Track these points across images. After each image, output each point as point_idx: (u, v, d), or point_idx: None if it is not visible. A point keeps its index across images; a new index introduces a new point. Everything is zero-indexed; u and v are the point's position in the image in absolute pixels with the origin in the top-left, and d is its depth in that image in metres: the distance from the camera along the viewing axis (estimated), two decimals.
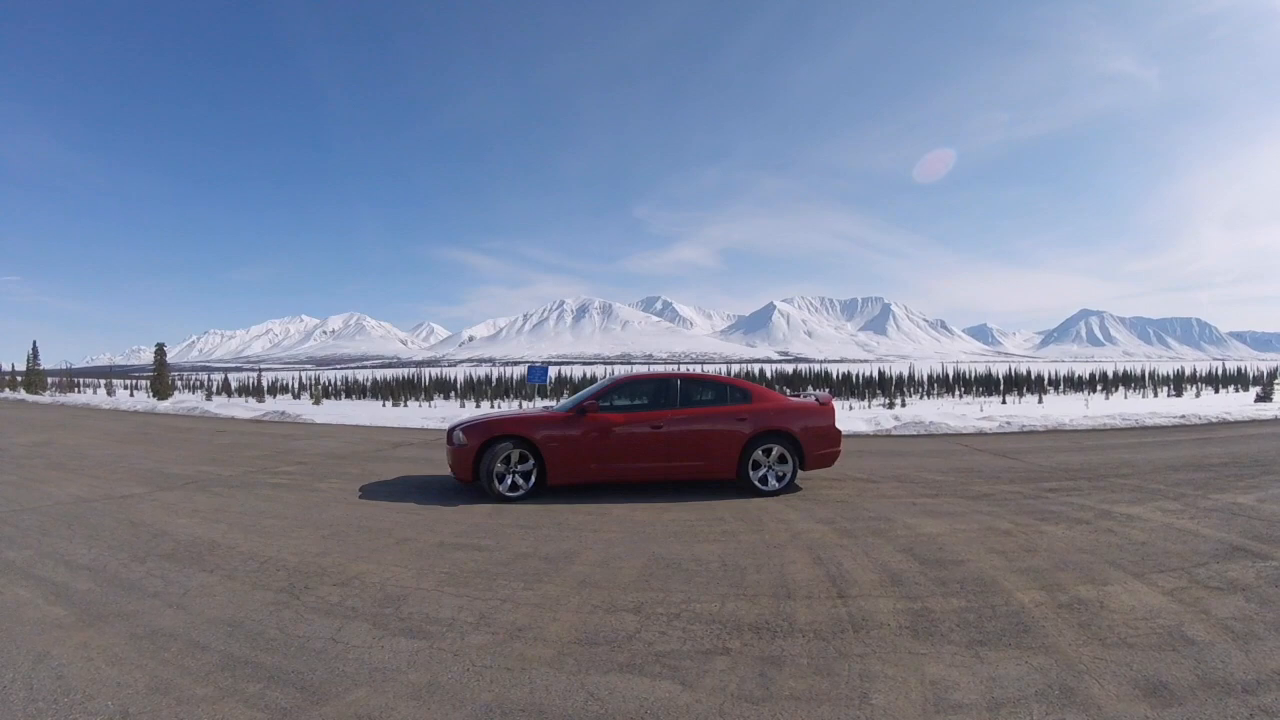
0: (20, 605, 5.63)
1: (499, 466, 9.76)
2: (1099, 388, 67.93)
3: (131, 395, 57.38)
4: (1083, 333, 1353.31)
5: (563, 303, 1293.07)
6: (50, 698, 4.04)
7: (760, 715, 3.84)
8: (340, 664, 4.41)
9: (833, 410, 11.00)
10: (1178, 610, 5.40)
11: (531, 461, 9.90)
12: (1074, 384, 71.15)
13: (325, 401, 51.07)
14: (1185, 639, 4.83)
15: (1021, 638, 4.89)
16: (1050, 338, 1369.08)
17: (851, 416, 23.41)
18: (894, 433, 19.47)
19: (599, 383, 11.69)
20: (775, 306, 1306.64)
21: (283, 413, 27.42)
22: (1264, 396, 36.02)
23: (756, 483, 10.22)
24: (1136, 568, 6.51)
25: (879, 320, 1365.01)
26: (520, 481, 9.84)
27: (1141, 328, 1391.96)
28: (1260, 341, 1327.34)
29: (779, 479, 10.30)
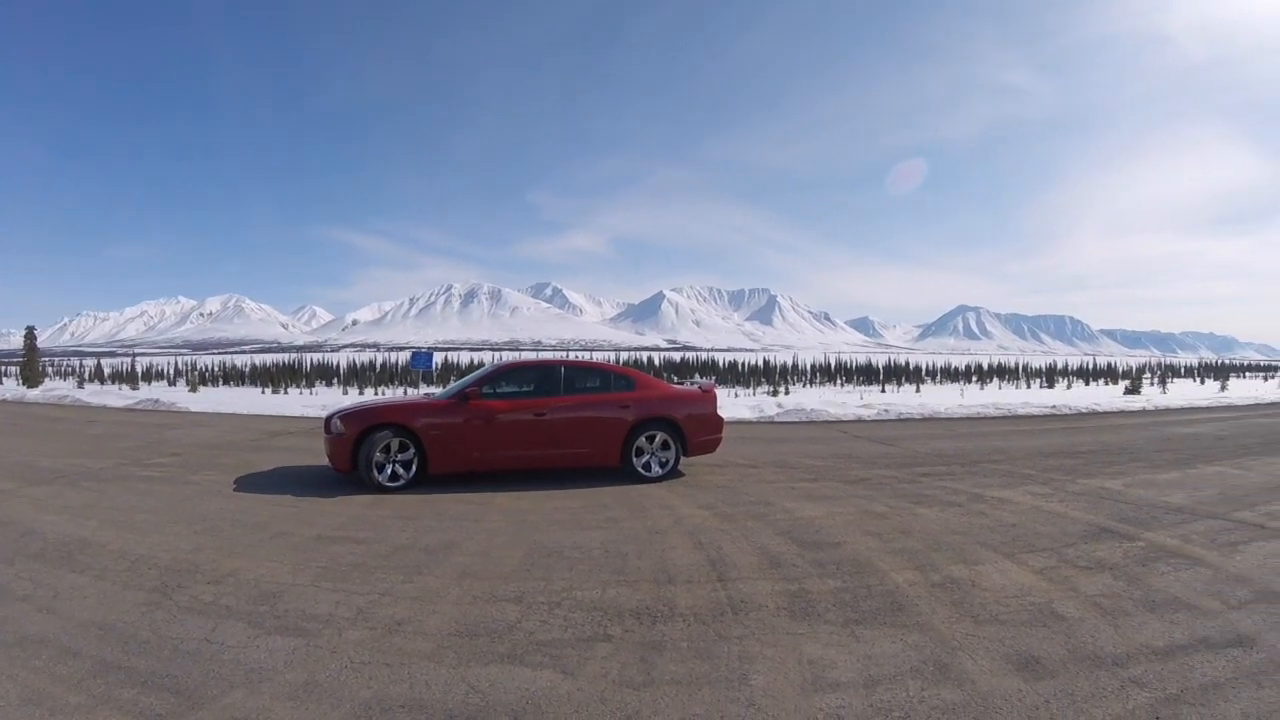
0: None
1: (378, 456, 9.58)
2: (974, 379, 70.05)
3: (0, 383, 54.71)
4: (960, 327, 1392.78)
5: (450, 287, 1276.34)
6: None
7: (642, 700, 3.89)
8: (215, 665, 4.29)
9: (715, 397, 11.18)
10: (1048, 588, 5.67)
11: (412, 450, 9.75)
12: (950, 375, 73.25)
13: (202, 388, 49.53)
14: (1056, 615, 5.08)
15: (897, 616, 5.07)
16: (929, 331, 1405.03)
17: (736, 404, 23.79)
18: (777, 420, 19.85)
19: (482, 369, 11.62)
20: (665, 295, 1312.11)
21: (157, 401, 26.57)
22: (1132, 389, 37.72)
23: (640, 469, 10.33)
24: (1008, 548, 6.80)
25: (765, 311, 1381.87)
26: (401, 471, 9.69)
27: (1017, 323, 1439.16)
28: (1130, 339, 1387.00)
29: (662, 465, 10.44)
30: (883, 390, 55.25)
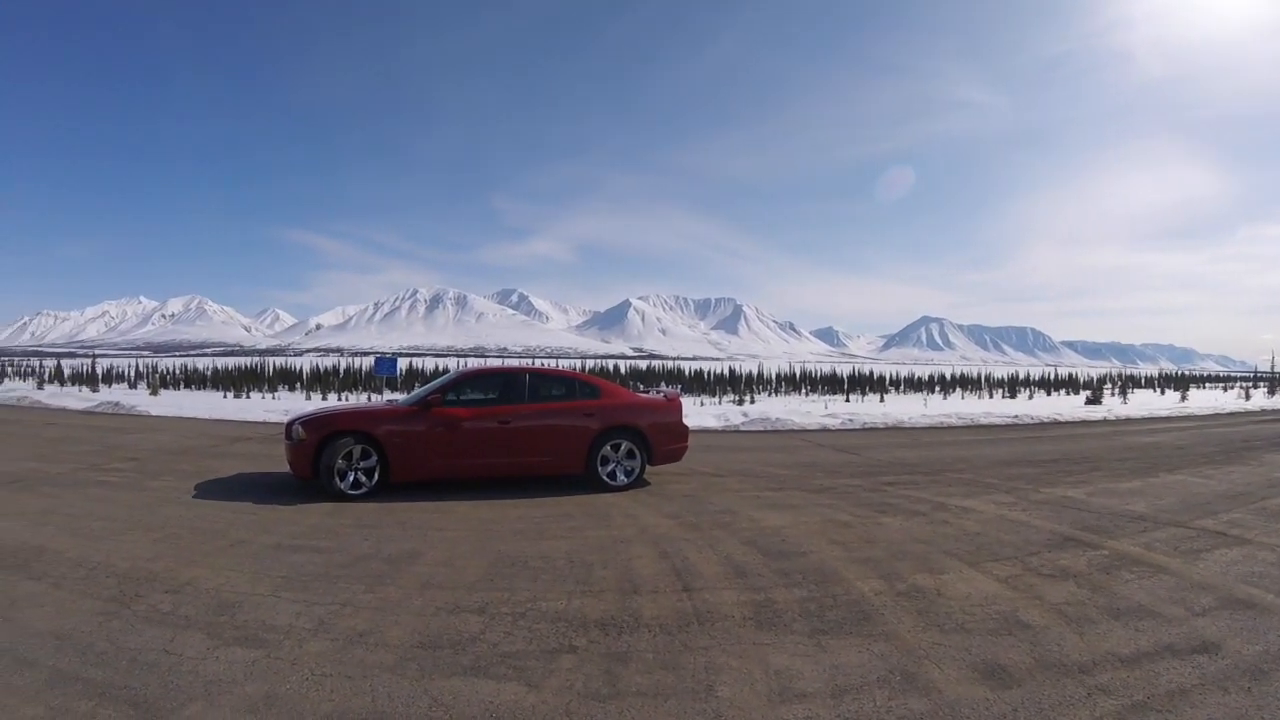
0: None
1: (340, 463, 9.49)
2: (937, 389, 70.44)
3: None
4: (923, 337, 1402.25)
5: (415, 292, 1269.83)
6: None
7: (607, 713, 3.87)
8: (173, 677, 4.22)
9: (680, 406, 11.18)
10: (1012, 597, 5.73)
11: (374, 458, 9.66)
12: (914, 385, 73.61)
13: (163, 391, 48.89)
14: (1021, 624, 5.12)
15: (862, 626, 5.09)
16: (893, 341, 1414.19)
17: (702, 413, 23.82)
18: (742, 429, 19.92)
19: (445, 376, 11.58)
20: (631, 303, 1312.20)
21: (117, 404, 26.18)
22: (1093, 400, 38.15)
23: (605, 478, 10.31)
24: (972, 557, 6.86)
25: (730, 320, 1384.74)
26: (362, 479, 9.59)
27: (979, 335, 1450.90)
28: (1090, 350, 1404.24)
29: (627, 474, 10.41)
30: (847, 400, 55.49)
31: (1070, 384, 71.94)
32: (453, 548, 7.17)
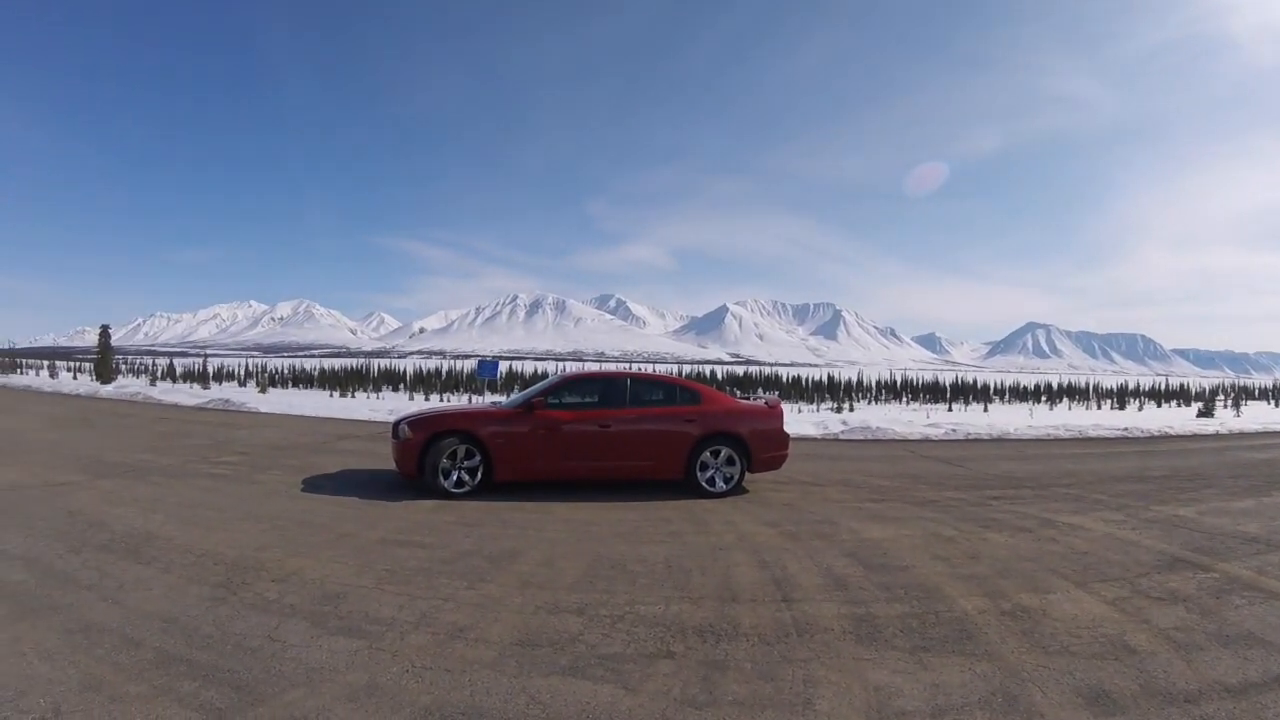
0: None
1: (444, 462, 9.62)
2: (1043, 398, 68.71)
3: (75, 378, 56.17)
4: (1029, 345, 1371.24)
5: (516, 297, 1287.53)
6: None
7: None
8: (276, 663, 4.30)
9: (781, 413, 11.03)
10: (1120, 619, 5.46)
11: (477, 457, 9.76)
12: (1019, 394, 71.96)
13: (272, 390, 50.34)
14: (1127, 648, 4.88)
15: (965, 644, 4.91)
16: (997, 348, 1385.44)
17: (800, 420, 23.54)
18: (841, 437, 19.60)
19: (548, 379, 11.63)
20: (728, 308, 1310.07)
21: (227, 400, 27.01)
22: (1206, 412, 36.63)
23: (704, 484, 10.21)
24: (1079, 577, 6.58)
25: (829, 325, 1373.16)
26: (465, 478, 9.70)
27: (1087, 342, 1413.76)
28: (1203, 359, 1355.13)
29: (726, 481, 10.29)
30: (950, 409, 54.40)
31: (1181, 395, 69.56)
32: (552, 548, 7.18)
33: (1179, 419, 30.74)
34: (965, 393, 68.77)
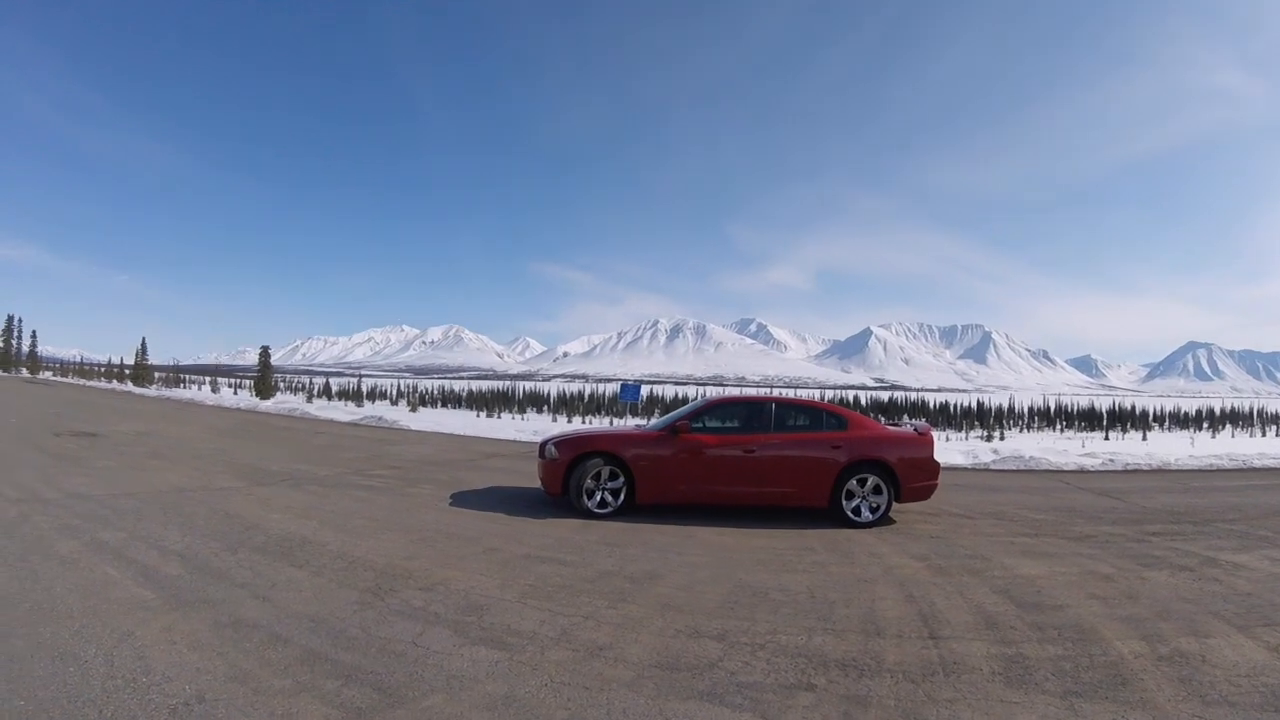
0: (109, 584, 5.83)
1: (589, 482, 9.71)
2: (1205, 425, 65.29)
3: (235, 393, 59.42)
4: (1190, 366, 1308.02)
5: (656, 322, 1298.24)
6: (129, 676, 4.14)
7: None
8: (419, 668, 4.40)
9: (931, 441, 10.70)
10: None
11: (621, 479, 9.83)
12: (1180, 420, 68.53)
13: (422, 409, 51.87)
14: None
15: (1119, 691, 4.63)
16: (1156, 371, 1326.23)
17: (948, 448, 22.90)
18: (992, 467, 18.97)
19: (692, 403, 11.58)
20: (871, 332, 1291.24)
21: (380, 418, 27.91)
22: None
23: (849, 513, 9.96)
24: (1241, 620, 6.15)
25: (978, 349, 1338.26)
26: (609, 498, 9.77)
27: (1251, 362, 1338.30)
28: None
29: (872, 510, 10.02)
30: (1106, 437, 52.27)
31: None
32: (694, 572, 7.12)
33: None
34: (1123, 419, 65.92)
